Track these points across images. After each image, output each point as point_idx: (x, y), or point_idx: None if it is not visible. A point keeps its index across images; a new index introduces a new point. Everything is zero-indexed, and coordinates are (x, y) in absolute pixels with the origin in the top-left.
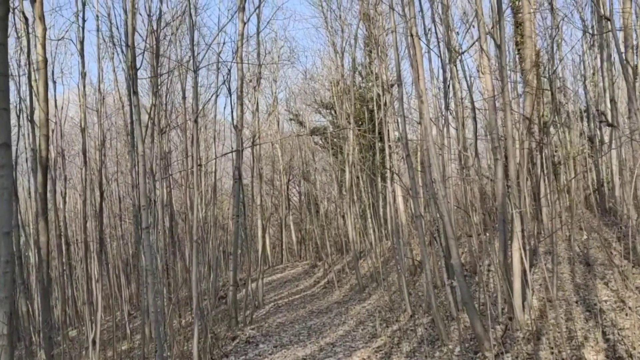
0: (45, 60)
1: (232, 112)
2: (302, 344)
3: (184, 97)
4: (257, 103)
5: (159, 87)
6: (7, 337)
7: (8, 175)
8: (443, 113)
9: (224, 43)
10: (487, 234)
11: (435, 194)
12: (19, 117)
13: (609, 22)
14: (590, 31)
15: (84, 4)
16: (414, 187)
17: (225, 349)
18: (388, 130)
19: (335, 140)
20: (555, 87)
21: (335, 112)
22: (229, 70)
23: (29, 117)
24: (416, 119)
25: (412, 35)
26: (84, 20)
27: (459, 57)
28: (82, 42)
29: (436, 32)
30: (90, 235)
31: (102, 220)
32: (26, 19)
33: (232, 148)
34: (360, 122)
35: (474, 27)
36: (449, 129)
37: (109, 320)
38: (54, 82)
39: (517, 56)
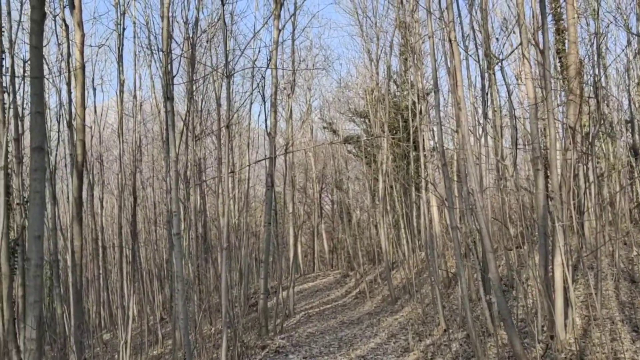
0: (83, 66)
1: (265, 119)
2: (332, 355)
3: (218, 104)
4: (291, 111)
5: (194, 94)
6: (36, 342)
7: (40, 179)
8: (481, 122)
9: (259, 51)
10: (526, 248)
11: (473, 205)
12: (59, 122)
13: None
14: (636, 38)
15: (123, 13)
16: (450, 198)
17: (254, 359)
18: (423, 139)
19: (368, 148)
20: (600, 95)
21: (369, 121)
22: (263, 77)
23: (68, 123)
24: (452, 128)
25: (450, 40)
26: (123, 29)
27: (499, 63)
28: (120, 50)
29: (475, 39)
30: (125, 240)
31: (136, 224)
32: (66, 26)
33: (265, 155)
34: (394, 131)
35: (514, 33)
36: (487, 138)
37: (142, 325)
38: (94, 89)
39: (559, 64)
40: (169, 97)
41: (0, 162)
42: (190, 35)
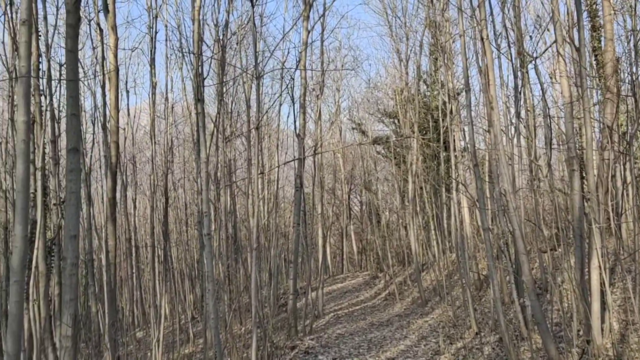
0: (117, 69)
1: (294, 120)
2: (362, 357)
3: (248, 106)
4: (320, 112)
5: (224, 96)
6: (71, 339)
7: (76, 179)
8: (513, 121)
9: (288, 52)
10: (560, 250)
11: (506, 206)
12: (94, 124)
13: None
14: None
15: (155, 17)
16: (481, 199)
17: (284, 359)
18: (454, 139)
19: (398, 149)
20: (638, 93)
21: (398, 121)
22: (292, 79)
23: (102, 125)
24: (483, 128)
25: (482, 39)
26: (155, 32)
27: (533, 61)
28: (152, 53)
29: (507, 37)
30: (157, 240)
31: (167, 225)
32: (101, 30)
33: (294, 156)
34: (424, 131)
35: (548, 30)
36: (520, 138)
37: (174, 323)
38: (127, 92)
39: (595, 62)
40: (199, 99)
41: (38, 164)
42: (221, 38)
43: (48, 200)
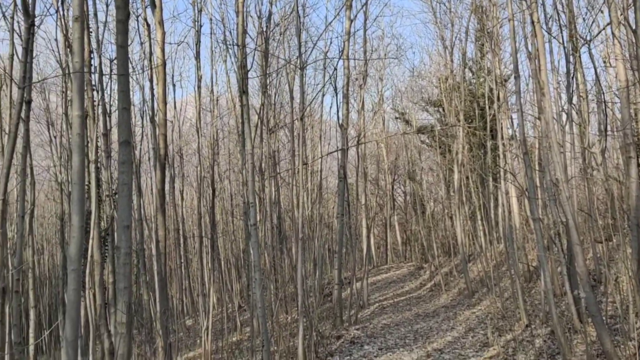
0: (164, 63)
1: (337, 111)
2: (408, 347)
3: (291, 96)
4: (363, 101)
5: (268, 87)
6: (126, 326)
7: (128, 171)
8: (565, 108)
9: (330, 42)
10: (615, 240)
11: (558, 196)
12: (142, 118)
13: None
14: None
15: (200, 11)
16: (531, 188)
17: (330, 348)
18: (501, 127)
19: (443, 138)
20: None
21: (443, 110)
22: (335, 69)
23: (150, 118)
24: (533, 115)
25: (533, 22)
26: (200, 26)
27: (586, 45)
28: (198, 46)
29: (558, 19)
30: (204, 230)
31: (214, 215)
32: (148, 25)
33: (337, 147)
34: (470, 120)
35: (602, 12)
36: (572, 125)
37: (221, 312)
38: (174, 86)
39: None
40: (244, 91)
41: (91, 156)
42: (264, 29)
43: (101, 192)
